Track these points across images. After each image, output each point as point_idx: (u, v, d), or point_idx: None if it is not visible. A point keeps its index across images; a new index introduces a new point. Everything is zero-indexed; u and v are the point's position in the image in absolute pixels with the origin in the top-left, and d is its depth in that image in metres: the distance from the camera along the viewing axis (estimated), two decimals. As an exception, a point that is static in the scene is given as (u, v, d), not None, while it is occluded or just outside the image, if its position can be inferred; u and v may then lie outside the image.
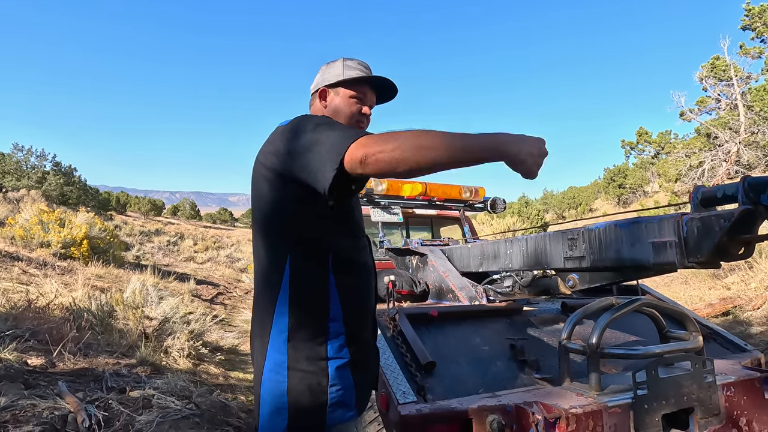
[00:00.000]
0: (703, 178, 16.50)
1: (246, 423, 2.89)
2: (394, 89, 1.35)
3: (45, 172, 19.80)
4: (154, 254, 13.37)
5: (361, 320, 1.20)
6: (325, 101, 1.30)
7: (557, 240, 1.84)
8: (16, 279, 5.67)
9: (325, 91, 1.30)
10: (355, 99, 1.29)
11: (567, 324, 1.68)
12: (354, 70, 1.29)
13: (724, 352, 2.10)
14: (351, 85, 1.28)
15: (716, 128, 16.63)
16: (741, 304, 5.73)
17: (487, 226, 14.78)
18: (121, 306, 4.79)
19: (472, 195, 3.80)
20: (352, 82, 1.28)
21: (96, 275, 7.27)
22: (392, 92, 1.36)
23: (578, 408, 1.36)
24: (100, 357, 3.60)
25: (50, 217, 8.67)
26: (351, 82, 1.28)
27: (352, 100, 1.28)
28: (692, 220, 1.36)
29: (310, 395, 1.05)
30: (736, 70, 17.40)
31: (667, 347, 1.62)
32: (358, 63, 1.31)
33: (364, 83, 1.30)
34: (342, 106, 1.28)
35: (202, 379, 3.77)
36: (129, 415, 2.56)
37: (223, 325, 6.23)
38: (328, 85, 1.29)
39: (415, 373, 1.61)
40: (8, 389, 2.56)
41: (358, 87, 1.29)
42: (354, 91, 1.29)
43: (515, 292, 2.37)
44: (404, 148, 0.89)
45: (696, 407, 1.49)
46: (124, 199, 30.79)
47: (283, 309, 1.10)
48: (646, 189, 24.20)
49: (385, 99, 1.38)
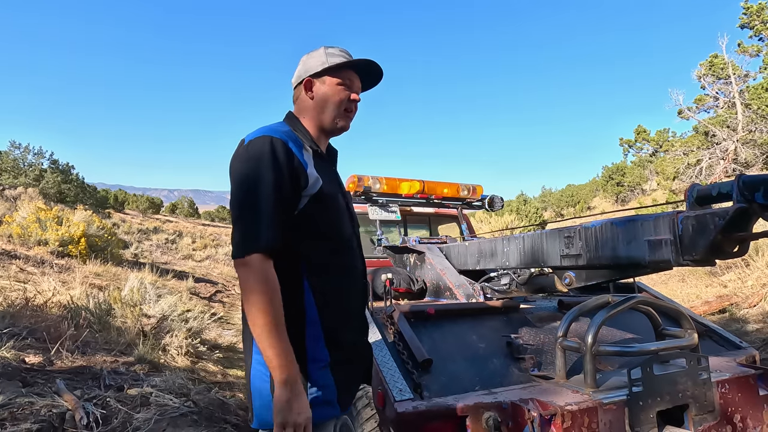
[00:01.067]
0: (700, 176, 16.53)
1: (244, 420, 2.89)
2: (379, 74, 1.31)
3: (42, 169, 19.73)
4: (153, 252, 13.35)
5: (343, 321, 1.20)
6: (311, 92, 1.25)
7: (554, 238, 1.84)
8: (14, 277, 5.66)
9: (310, 81, 1.25)
10: (343, 86, 1.24)
11: (563, 321, 1.69)
12: (337, 57, 1.24)
13: (719, 350, 2.11)
14: (336, 71, 1.24)
15: (714, 126, 16.66)
16: (737, 302, 5.76)
17: (485, 224, 14.79)
18: (119, 304, 4.78)
19: (469, 193, 3.80)
20: (338, 69, 1.24)
21: (94, 273, 7.26)
22: (377, 77, 1.33)
23: (574, 405, 1.36)
24: (98, 355, 3.60)
25: (48, 215, 8.64)
26: (336, 68, 1.23)
27: (340, 87, 1.24)
28: (687, 218, 1.37)
29: None
30: (735, 68, 17.42)
31: (663, 344, 1.63)
32: (340, 50, 1.27)
33: (350, 68, 1.26)
34: (330, 95, 1.24)
35: (200, 377, 3.77)
36: (127, 413, 2.56)
37: (221, 323, 6.23)
38: (312, 75, 1.25)
39: (412, 371, 1.62)
40: (6, 387, 2.56)
41: (344, 73, 1.25)
42: (340, 77, 1.24)
43: (512, 290, 2.37)
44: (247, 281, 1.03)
45: (691, 404, 1.50)
46: (122, 196, 30.71)
47: None
48: (644, 187, 24.24)
49: (370, 85, 1.35)
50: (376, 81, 1.34)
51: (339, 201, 1.25)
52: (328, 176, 1.23)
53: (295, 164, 1.12)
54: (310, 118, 1.26)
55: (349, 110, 1.27)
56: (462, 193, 3.77)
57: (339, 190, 1.27)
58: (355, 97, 1.27)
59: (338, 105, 1.24)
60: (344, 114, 1.26)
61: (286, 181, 1.09)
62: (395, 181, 3.47)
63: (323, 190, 1.16)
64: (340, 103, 1.24)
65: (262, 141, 1.11)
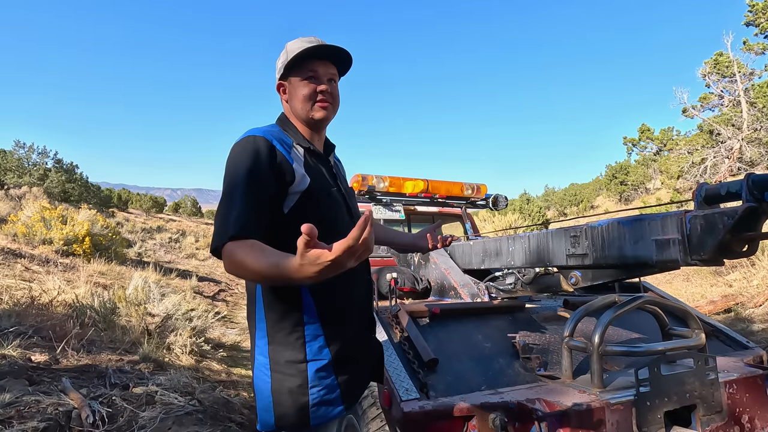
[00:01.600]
0: (705, 175, 16.44)
1: (248, 419, 2.90)
2: (342, 54, 1.24)
3: (47, 169, 19.83)
4: (156, 251, 13.40)
5: (344, 319, 1.19)
6: (285, 94, 1.26)
7: (560, 237, 1.84)
8: (19, 276, 5.69)
9: (281, 84, 1.26)
10: (306, 80, 1.21)
11: (569, 321, 1.68)
12: (297, 49, 1.19)
13: (726, 350, 2.10)
14: (297, 68, 1.21)
15: (719, 125, 16.56)
16: (743, 302, 5.73)
17: (488, 223, 14.77)
18: (124, 303, 4.80)
19: (473, 192, 3.80)
20: (294, 63, 1.20)
21: (98, 272, 7.29)
22: (344, 58, 1.26)
23: (580, 405, 1.36)
24: (103, 354, 3.61)
25: (52, 214, 8.69)
26: (293, 63, 1.20)
27: (303, 82, 1.21)
28: (695, 217, 1.36)
29: (290, 396, 1.10)
30: (740, 67, 17.30)
31: (670, 344, 1.62)
32: (302, 41, 1.22)
33: (307, 59, 1.20)
34: (295, 94, 1.22)
35: (205, 376, 3.78)
36: (132, 411, 2.57)
37: (225, 322, 6.25)
38: (280, 78, 1.25)
39: (418, 370, 1.62)
40: (12, 385, 2.58)
41: (305, 65, 1.21)
42: (302, 73, 1.21)
43: (517, 290, 2.37)
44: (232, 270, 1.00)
45: (698, 404, 1.49)
46: (126, 196, 30.82)
47: (260, 315, 1.16)
48: (648, 186, 24.13)
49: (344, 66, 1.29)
50: (347, 62, 1.28)
51: (333, 196, 1.23)
52: (321, 173, 1.23)
53: (278, 160, 1.12)
54: (294, 118, 1.27)
55: (322, 100, 1.23)
56: (466, 192, 3.77)
57: (334, 185, 1.26)
58: (323, 87, 1.22)
59: (304, 101, 1.22)
60: (317, 106, 1.23)
61: (263, 176, 1.09)
62: (399, 180, 3.46)
63: (312, 187, 1.16)
64: (306, 98, 1.21)
65: (244, 141, 1.13)
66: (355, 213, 1.33)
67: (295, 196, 1.13)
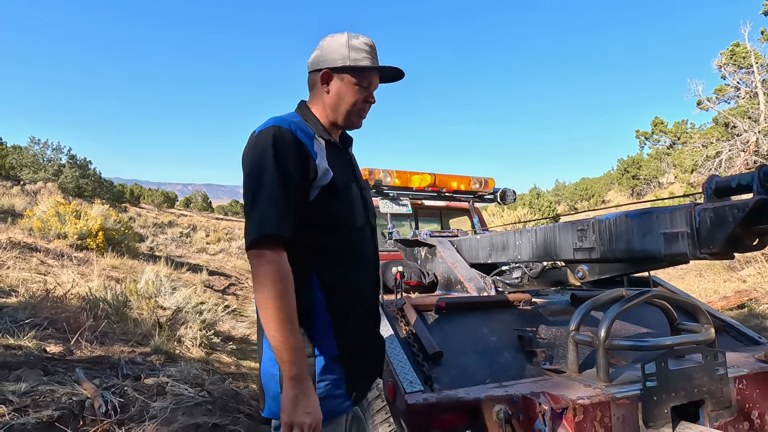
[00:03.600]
0: (720, 168, 16.11)
1: (257, 410, 2.94)
2: (399, 76, 1.28)
3: (61, 164, 20.16)
4: (168, 245, 13.57)
5: (353, 313, 1.19)
6: (327, 86, 1.21)
7: (567, 231, 1.82)
8: (35, 269, 5.81)
9: (329, 74, 1.21)
10: (360, 87, 1.21)
11: (576, 315, 1.67)
12: (361, 52, 1.19)
13: (737, 345, 2.07)
14: (358, 71, 1.20)
15: (735, 117, 16.19)
16: (757, 297, 5.63)
17: (497, 217, 14.68)
18: (136, 296, 4.88)
19: (481, 186, 3.77)
20: (360, 70, 1.20)
21: (111, 266, 7.42)
22: (396, 78, 1.29)
23: (586, 399, 1.35)
24: (116, 345, 3.68)
25: (67, 209, 8.84)
26: (359, 70, 1.20)
27: (357, 88, 1.21)
28: (705, 210, 1.33)
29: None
30: (757, 57, 16.86)
31: (678, 339, 1.60)
32: (364, 43, 1.21)
33: (372, 71, 1.22)
34: (346, 95, 1.21)
35: (215, 368, 3.84)
36: (144, 402, 2.62)
37: (235, 315, 6.32)
38: (332, 68, 1.20)
39: (423, 363, 1.62)
40: (28, 375, 2.65)
41: (367, 73, 1.21)
42: (360, 78, 1.20)
43: (524, 284, 2.35)
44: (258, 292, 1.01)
45: (707, 399, 1.47)
46: (138, 191, 31.24)
47: None
48: (661, 180, 23.74)
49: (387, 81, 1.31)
50: (395, 80, 1.30)
51: (352, 190, 1.23)
52: (341, 166, 1.21)
53: (304, 154, 1.11)
54: (323, 110, 1.24)
55: (363, 110, 1.25)
56: (474, 186, 3.74)
57: (353, 179, 1.25)
58: (372, 99, 1.24)
59: (352, 105, 1.21)
60: (357, 114, 1.24)
61: (293, 170, 1.08)
62: (406, 174, 3.45)
63: (334, 182, 1.15)
64: (355, 103, 1.22)
65: (269, 131, 1.10)
66: (370, 207, 1.32)
67: (316, 190, 1.12)
